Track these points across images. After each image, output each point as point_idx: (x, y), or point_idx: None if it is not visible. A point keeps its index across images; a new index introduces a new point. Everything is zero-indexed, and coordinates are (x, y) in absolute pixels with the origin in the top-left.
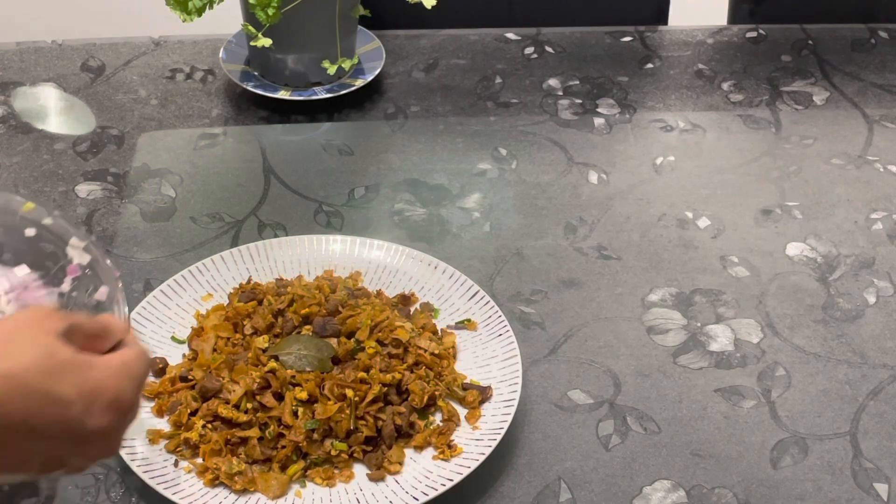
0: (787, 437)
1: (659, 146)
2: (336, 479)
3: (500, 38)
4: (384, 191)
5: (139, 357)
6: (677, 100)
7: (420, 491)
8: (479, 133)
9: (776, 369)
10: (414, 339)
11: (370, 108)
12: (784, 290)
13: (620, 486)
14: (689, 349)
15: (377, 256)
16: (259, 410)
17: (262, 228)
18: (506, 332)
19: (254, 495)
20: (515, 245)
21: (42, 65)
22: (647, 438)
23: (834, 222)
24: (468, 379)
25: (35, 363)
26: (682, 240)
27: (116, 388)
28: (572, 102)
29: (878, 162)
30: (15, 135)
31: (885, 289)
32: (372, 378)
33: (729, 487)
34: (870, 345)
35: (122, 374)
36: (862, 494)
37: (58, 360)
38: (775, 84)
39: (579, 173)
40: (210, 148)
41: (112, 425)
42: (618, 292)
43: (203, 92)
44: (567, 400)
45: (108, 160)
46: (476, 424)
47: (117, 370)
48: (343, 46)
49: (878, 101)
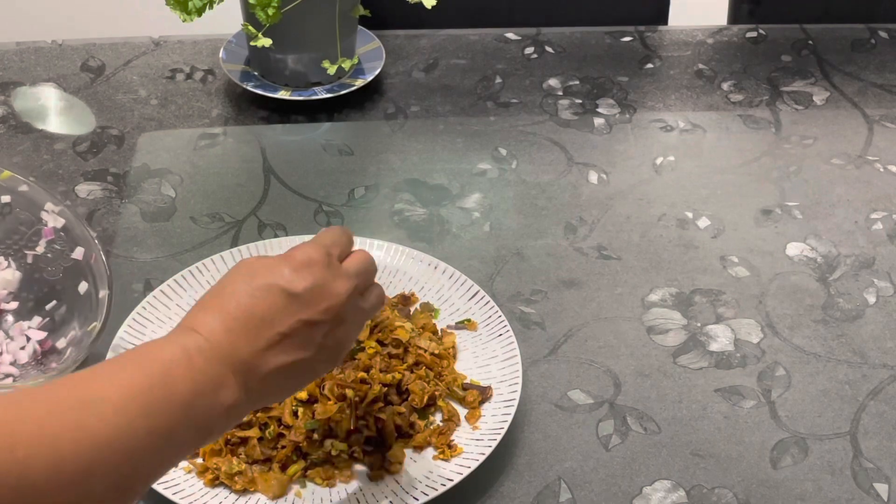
0: (787, 437)
1: (659, 146)
2: (336, 479)
3: (500, 38)
4: (384, 191)
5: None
6: (677, 100)
7: (420, 491)
8: (479, 133)
9: (776, 369)
10: (414, 339)
11: (370, 108)
12: (784, 290)
13: (620, 486)
14: (689, 349)
15: (377, 256)
16: (259, 410)
17: (262, 228)
18: (506, 332)
19: (254, 495)
20: (515, 245)
21: (42, 65)
22: (647, 438)
23: (834, 222)
24: (468, 379)
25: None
26: (682, 240)
27: (302, 253)
28: (572, 102)
29: (878, 162)
30: (15, 135)
31: (885, 289)
32: (372, 378)
33: (729, 487)
34: (870, 345)
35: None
36: (862, 494)
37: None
38: (775, 84)
39: (579, 173)
40: (210, 148)
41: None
42: (618, 292)
43: (203, 92)
44: (567, 400)
45: (108, 160)
46: (476, 424)
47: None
48: (343, 46)
49: (878, 101)
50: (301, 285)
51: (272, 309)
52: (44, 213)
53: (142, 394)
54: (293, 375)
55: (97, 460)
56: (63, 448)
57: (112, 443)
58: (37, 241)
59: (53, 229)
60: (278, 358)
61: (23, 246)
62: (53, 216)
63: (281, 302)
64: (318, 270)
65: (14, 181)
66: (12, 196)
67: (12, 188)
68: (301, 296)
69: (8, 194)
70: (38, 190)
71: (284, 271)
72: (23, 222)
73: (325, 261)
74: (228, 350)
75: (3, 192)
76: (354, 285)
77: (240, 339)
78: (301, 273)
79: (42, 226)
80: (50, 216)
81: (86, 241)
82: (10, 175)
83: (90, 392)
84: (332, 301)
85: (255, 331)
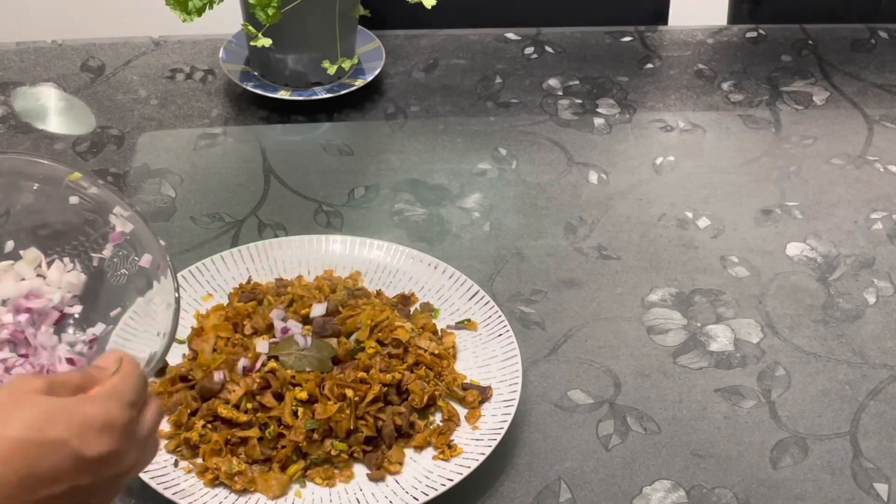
0: (787, 437)
1: (659, 146)
2: (336, 479)
3: (500, 38)
4: (384, 191)
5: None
6: (677, 100)
7: (420, 491)
8: (479, 133)
9: (776, 369)
10: (414, 339)
11: (370, 108)
12: (784, 290)
13: (620, 486)
14: (689, 349)
15: (377, 256)
16: (259, 410)
17: (262, 228)
18: (506, 332)
19: (254, 495)
20: (515, 245)
21: (42, 65)
22: (647, 438)
23: (834, 222)
24: (468, 379)
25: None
26: (682, 240)
27: (104, 413)
28: (572, 102)
29: (878, 162)
30: (15, 135)
31: (885, 289)
32: (372, 378)
33: (729, 487)
34: (870, 345)
35: (108, 399)
36: (862, 494)
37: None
38: (775, 84)
39: (579, 173)
40: (210, 148)
41: (111, 447)
42: (618, 292)
43: (203, 92)
44: (567, 400)
45: (108, 160)
46: (476, 424)
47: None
48: (343, 46)
49: (878, 101)
50: (95, 451)
51: (57, 469)
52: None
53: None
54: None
55: None
56: None
57: None
58: (103, 244)
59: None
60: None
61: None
62: (122, 220)
63: (68, 464)
64: (115, 439)
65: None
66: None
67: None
68: (91, 461)
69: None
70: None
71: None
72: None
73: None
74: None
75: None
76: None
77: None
78: (99, 439)
79: (110, 229)
80: (118, 220)
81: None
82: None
83: None
84: (118, 470)
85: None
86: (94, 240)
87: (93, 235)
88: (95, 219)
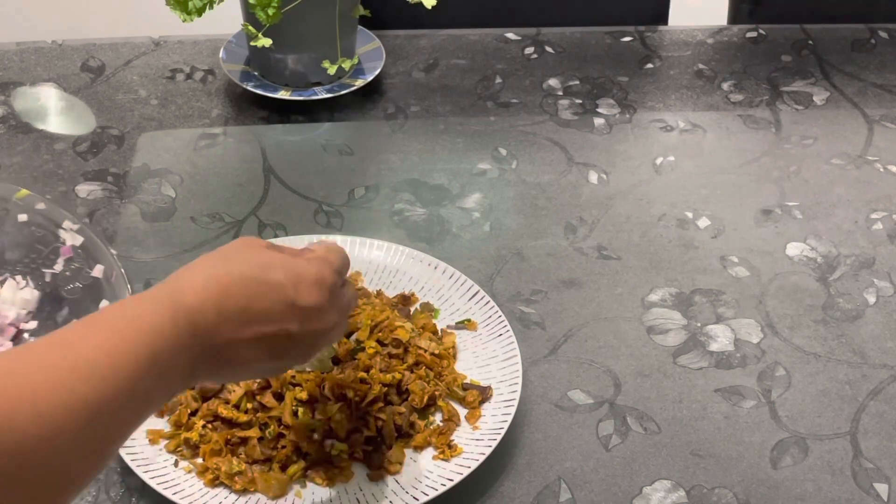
0: (787, 437)
1: (659, 146)
2: (336, 479)
3: (500, 38)
4: (384, 191)
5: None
6: (677, 100)
7: (420, 491)
8: (479, 133)
9: (776, 369)
10: (414, 339)
11: (370, 108)
12: (784, 290)
13: (620, 486)
14: (689, 349)
15: (377, 256)
16: (259, 410)
17: (262, 228)
18: (506, 332)
19: (254, 495)
20: (515, 245)
21: (42, 65)
22: (647, 438)
23: (834, 222)
24: (468, 379)
25: (250, 262)
26: (682, 240)
27: (318, 271)
28: (572, 102)
29: (878, 162)
30: (15, 135)
31: (885, 289)
32: (372, 378)
33: (729, 487)
34: (870, 345)
35: (321, 261)
36: (862, 494)
37: (268, 257)
38: (775, 84)
39: (579, 173)
40: (210, 148)
41: (320, 301)
42: (618, 292)
43: (203, 92)
44: (567, 400)
45: (108, 160)
46: (476, 424)
47: (317, 260)
48: (343, 46)
49: (878, 101)
50: (306, 301)
51: (271, 310)
52: (62, 231)
53: (129, 364)
54: (250, 368)
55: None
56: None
57: (101, 409)
58: (55, 259)
59: (72, 247)
60: (250, 352)
61: (41, 264)
62: (72, 234)
63: (281, 307)
64: (324, 294)
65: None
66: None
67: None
68: (301, 310)
69: (25, 213)
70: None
71: (298, 279)
72: (40, 241)
73: (333, 288)
74: (213, 331)
75: (20, 210)
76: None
77: (227, 324)
78: (311, 290)
79: (60, 244)
80: (68, 234)
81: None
82: (26, 193)
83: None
84: (320, 325)
85: (245, 323)
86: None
87: (43, 252)
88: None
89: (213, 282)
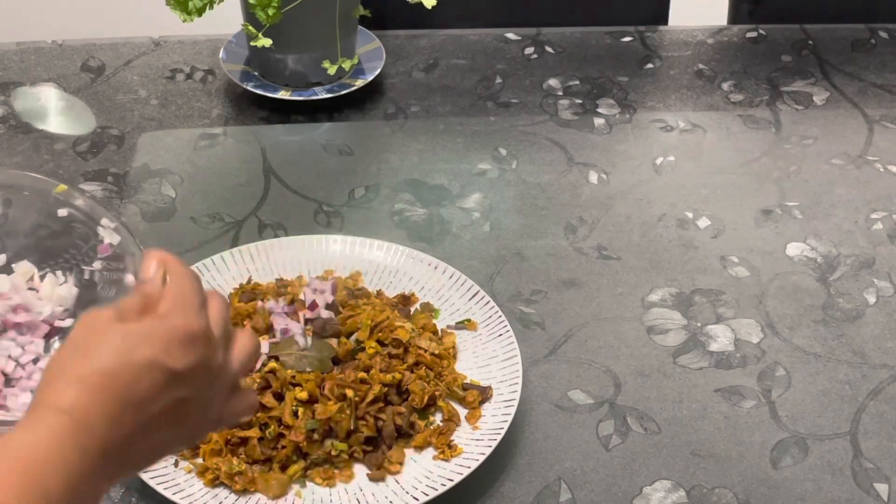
0: (787, 437)
1: (659, 146)
2: (336, 479)
3: (500, 38)
4: (384, 191)
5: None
6: (677, 100)
7: (420, 491)
8: (479, 133)
9: (776, 369)
10: (414, 339)
11: (370, 108)
12: (784, 290)
13: (620, 486)
14: (689, 349)
15: (377, 256)
16: (259, 410)
17: (262, 228)
18: (506, 332)
19: (254, 495)
20: (515, 245)
21: (42, 65)
22: (647, 438)
23: (834, 222)
24: (468, 379)
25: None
26: (682, 240)
27: (184, 324)
28: (572, 102)
29: (878, 162)
30: (15, 135)
31: (885, 289)
32: (372, 378)
33: (729, 487)
34: (870, 345)
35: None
36: (862, 494)
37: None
38: (775, 84)
39: (579, 173)
40: (210, 148)
41: (199, 354)
42: (618, 292)
43: (203, 92)
44: (567, 400)
45: (108, 160)
46: (476, 424)
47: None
48: (343, 46)
49: (878, 101)
50: (185, 363)
51: (151, 390)
52: (100, 228)
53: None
54: (162, 450)
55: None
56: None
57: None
58: (94, 256)
59: (110, 245)
60: (152, 438)
61: (80, 261)
62: (109, 232)
63: (161, 381)
64: (200, 344)
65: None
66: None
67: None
68: (182, 374)
69: (65, 208)
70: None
71: (169, 347)
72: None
73: (208, 335)
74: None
75: (60, 205)
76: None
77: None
78: (184, 349)
79: (99, 241)
80: (106, 232)
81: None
82: (66, 188)
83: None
84: (209, 376)
85: (133, 414)
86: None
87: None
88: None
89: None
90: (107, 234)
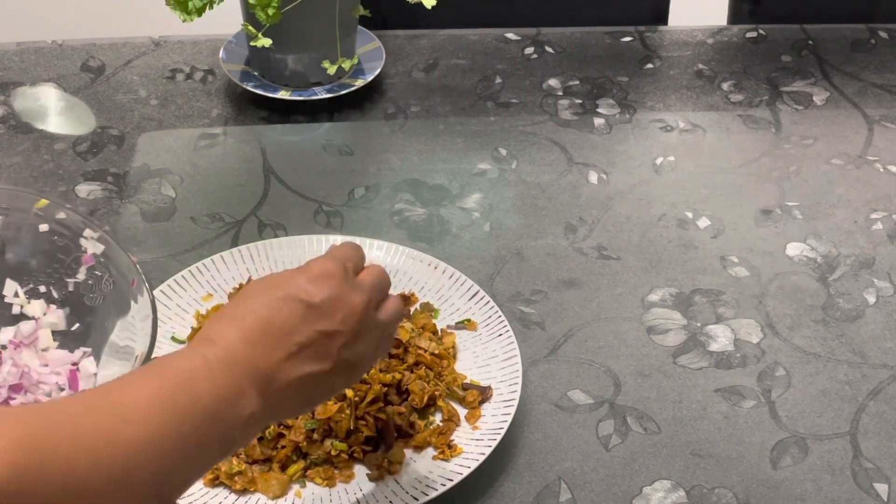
0: (787, 437)
1: (659, 146)
2: (336, 479)
3: (500, 38)
4: (384, 191)
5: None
6: (677, 100)
7: (420, 491)
8: (479, 133)
9: (776, 369)
10: (414, 339)
11: (370, 108)
12: (784, 290)
13: (620, 486)
14: (689, 349)
15: (377, 256)
16: None
17: (262, 228)
18: (506, 332)
19: (254, 495)
20: (515, 245)
21: (42, 65)
22: (647, 438)
23: (834, 222)
24: (468, 379)
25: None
26: (682, 240)
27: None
28: (572, 102)
29: (878, 162)
30: (15, 135)
31: (885, 289)
32: (372, 378)
33: (729, 487)
34: (870, 345)
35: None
36: (862, 494)
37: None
38: (775, 84)
39: (579, 173)
40: (210, 148)
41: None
42: (618, 292)
43: (203, 92)
44: (567, 400)
45: (108, 160)
46: (476, 424)
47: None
48: (343, 46)
49: (878, 101)
50: (318, 296)
51: (290, 319)
52: (83, 239)
53: (168, 402)
54: (311, 388)
55: (133, 463)
56: (101, 451)
57: (145, 448)
58: (76, 268)
59: (93, 255)
60: (296, 369)
61: (63, 274)
62: (93, 242)
63: (299, 312)
64: (335, 282)
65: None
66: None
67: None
68: (318, 306)
69: (46, 223)
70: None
71: (301, 282)
72: (62, 250)
73: (342, 273)
74: (247, 361)
75: (41, 220)
76: (369, 298)
77: (258, 349)
78: (318, 284)
79: (81, 253)
80: (89, 242)
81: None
82: (47, 203)
83: (120, 399)
84: (348, 312)
85: (274, 342)
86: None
87: (66, 261)
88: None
89: (229, 320)
90: (90, 244)
